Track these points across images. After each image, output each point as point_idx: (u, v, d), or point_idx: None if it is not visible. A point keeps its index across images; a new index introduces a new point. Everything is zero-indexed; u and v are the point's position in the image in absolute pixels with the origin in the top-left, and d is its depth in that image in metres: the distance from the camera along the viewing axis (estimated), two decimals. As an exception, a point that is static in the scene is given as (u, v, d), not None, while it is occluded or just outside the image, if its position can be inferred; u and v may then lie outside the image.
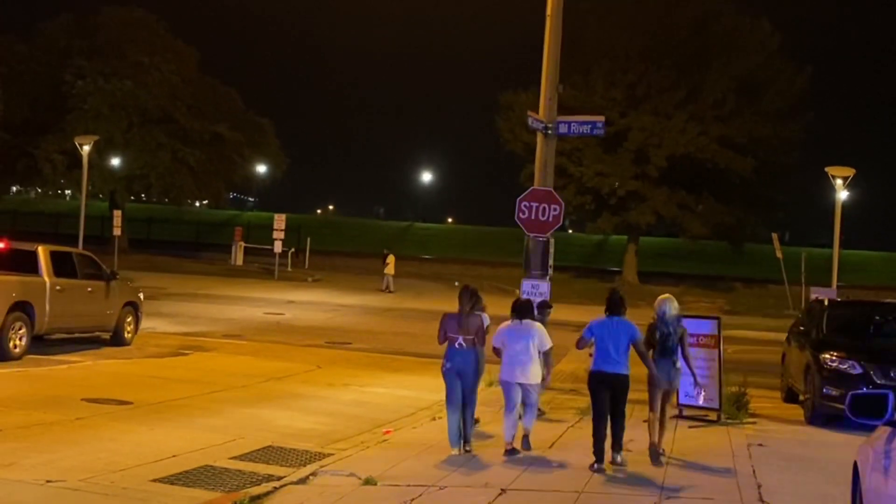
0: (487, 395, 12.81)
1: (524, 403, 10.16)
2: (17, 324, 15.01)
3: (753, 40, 45.52)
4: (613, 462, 9.62)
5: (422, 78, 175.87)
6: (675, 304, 10.42)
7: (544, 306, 13.08)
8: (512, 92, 47.08)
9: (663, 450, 10.29)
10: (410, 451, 10.33)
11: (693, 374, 10.54)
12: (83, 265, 17.26)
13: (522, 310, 10.24)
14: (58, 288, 16.01)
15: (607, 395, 9.53)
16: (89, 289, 17.07)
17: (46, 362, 15.20)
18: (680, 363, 10.33)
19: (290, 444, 10.38)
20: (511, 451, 9.98)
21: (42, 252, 15.98)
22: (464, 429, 10.08)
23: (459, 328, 9.88)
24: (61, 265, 16.42)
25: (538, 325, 10.32)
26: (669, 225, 50.53)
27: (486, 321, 11.18)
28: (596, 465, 9.45)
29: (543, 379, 10.41)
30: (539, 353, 10.01)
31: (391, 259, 37.67)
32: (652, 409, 10.18)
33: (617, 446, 9.65)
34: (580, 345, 9.97)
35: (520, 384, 9.95)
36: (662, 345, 10.18)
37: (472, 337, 9.87)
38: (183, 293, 30.62)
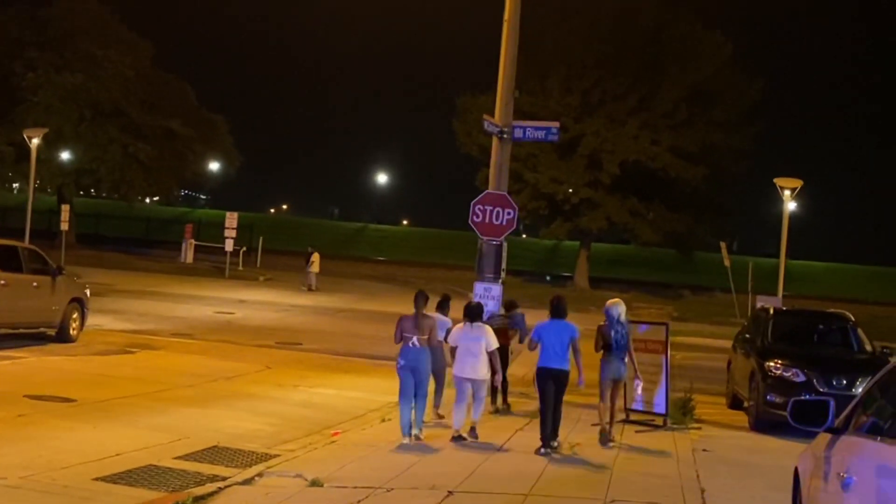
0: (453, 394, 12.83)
1: (474, 397, 11.17)
2: None
3: (706, 51, 46.16)
4: (549, 447, 10.62)
5: (379, 79, 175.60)
6: (624, 306, 11.73)
7: (513, 306, 14.14)
8: (470, 95, 47.25)
9: (613, 436, 11.49)
10: (359, 453, 10.30)
11: (635, 369, 11.79)
12: (29, 260, 16.93)
13: (473, 313, 11.25)
14: (2, 282, 15.75)
15: (551, 388, 10.74)
16: (35, 284, 16.78)
17: (-12, 358, 14.89)
18: (626, 360, 11.60)
19: (237, 445, 10.28)
20: (458, 438, 11.01)
21: None
22: (416, 417, 10.93)
23: (415, 329, 10.75)
24: (6, 259, 16.13)
25: (487, 327, 11.33)
26: (621, 231, 51.05)
27: (448, 324, 11.94)
28: (542, 450, 10.58)
29: (496, 374, 11.41)
30: (486, 352, 11.08)
31: (316, 257, 37.56)
32: (602, 399, 11.48)
33: (554, 434, 10.76)
34: (531, 346, 11.10)
35: (470, 379, 11.03)
36: (615, 343, 11.41)
37: (425, 337, 10.75)
38: (131, 290, 30.19)
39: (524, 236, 69.82)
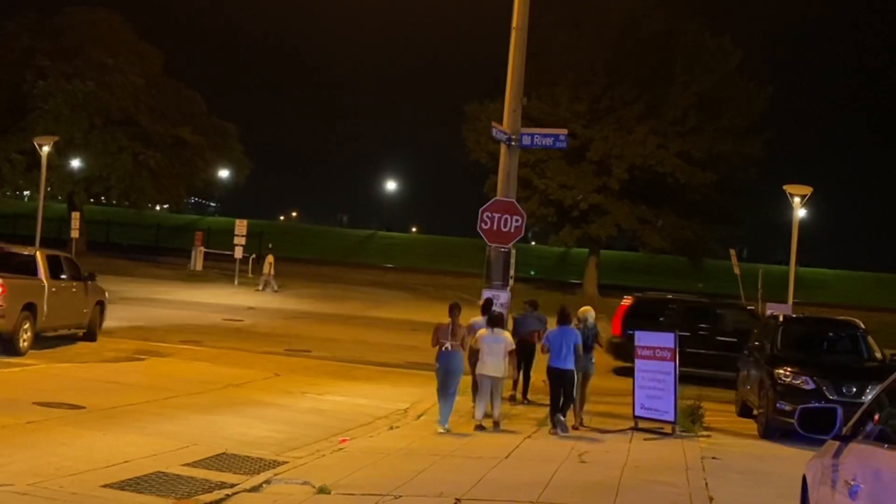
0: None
1: (493, 394, 12.67)
2: (26, 323, 16.19)
3: (715, 58, 46.08)
4: (559, 428, 12.51)
5: (389, 86, 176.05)
6: (593, 312, 13.99)
7: (535, 306, 15.86)
8: (478, 102, 47.23)
9: (582, 421, 13.35)
10: (366, 460, 10.30)
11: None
12: (68, 267, 18.40)
13: (496, 321, 12.85)
14: (53, 290, 17.20)
15: (559, 383, 12.67)
16: (73, 289, 18.26)
17: (-2, 365, 14.94)
18: (593, 356, 13.72)
19: (245, 452, 10.29)
20: (480, 427, 12.49)
21: (40, 256, 17.39)
22: (444, 411, 12.32)
23: (449, 335, 12.27)
24: (53, 268, 17.60)
25: (507, 332, 13.00)
26: (630, 238, 50.94)
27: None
28: (552, 430, 12.53)
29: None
30: (505, 353, 12.64)
31: (270, 259, 38.06)
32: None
33: (562, 414, 12.73)
34: (544, 350, 13.07)
35: (492, 377, 12.54)
36: (584, 343, 13.26)
37: (458, 342, 12.32)
38: (141, 297, 30.25)
39: (533, 243, 69.80)
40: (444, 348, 12.23)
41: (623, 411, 14.01)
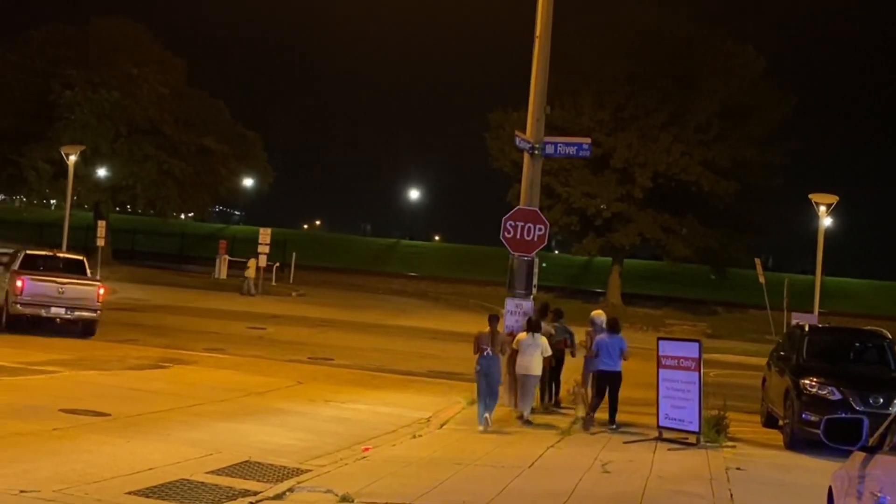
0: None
1: (527, 390, 14.08)
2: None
3: (738, 66, 45.83)
4: (609, 427, 13.75)
5: (412, 95, 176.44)
6: (604, 316, 15.23)
7: (560, 315, 16.22)
8: (502, 111, 47.19)
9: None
10: (389, 468, 10.30)
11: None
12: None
13: (534, 326, 14.17)
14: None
15: (607, 385, 13.94)
16: None
17: (24, 371, 15.09)
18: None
19: (268, 460, 10.32)
20: (527, 422, 13.89)
21: (86, 261, 22.55)
22: (489, 411, 13.43)
23: (489, 343, 13.55)
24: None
25: (543, 338, 14.20)
26: (653, 247, 50.66)
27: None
28: (587, 426, 13.78)
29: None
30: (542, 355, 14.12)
31: (252, 263, 39.10)
32: (584, 385, 14.91)
33: (612, 418, 13.92)
34: (594, 354, 14.35)
35: (529, 375, 13.96)
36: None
37: (497, 349, 13.64)
38: (165, 305, 30.47)
39: (556, 252, 69.66)
40: (485, 353, 13.50)
41: (647, 421, 13.94)
